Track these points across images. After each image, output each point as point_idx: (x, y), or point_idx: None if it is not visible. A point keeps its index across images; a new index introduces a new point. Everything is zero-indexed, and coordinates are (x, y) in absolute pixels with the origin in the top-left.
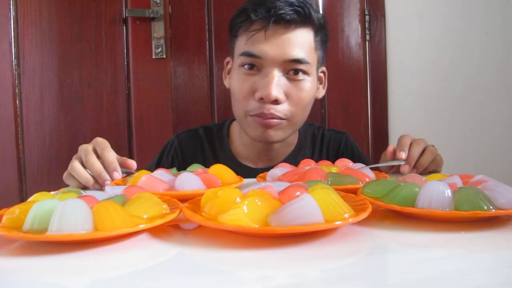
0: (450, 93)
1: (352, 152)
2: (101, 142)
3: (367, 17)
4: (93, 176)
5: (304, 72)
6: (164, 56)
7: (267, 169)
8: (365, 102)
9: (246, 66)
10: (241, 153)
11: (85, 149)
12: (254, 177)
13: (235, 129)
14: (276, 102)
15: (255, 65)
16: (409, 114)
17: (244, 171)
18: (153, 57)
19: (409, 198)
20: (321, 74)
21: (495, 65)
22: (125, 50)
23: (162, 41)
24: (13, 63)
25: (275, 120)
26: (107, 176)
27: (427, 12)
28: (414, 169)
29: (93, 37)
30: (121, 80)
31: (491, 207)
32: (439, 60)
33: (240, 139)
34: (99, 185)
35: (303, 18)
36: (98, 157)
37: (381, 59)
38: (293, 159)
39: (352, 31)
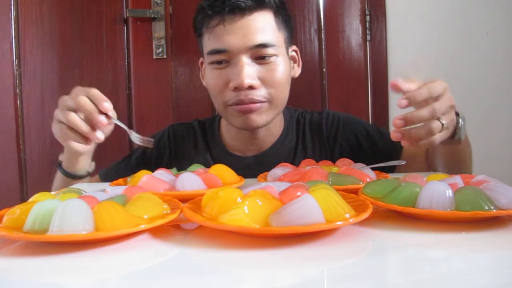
0: (450, 93)
1: (338, 121)
2: (79, 89)
3: (367, 17)
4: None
5: (272, 55)
6: (165, 56)
7: (256, 157)
8: (365, 102)
9: (214, 63)
10: (230, 144)
11: (67, 98)
12: (245, 165)
13: (224, 124)
14: (251, 88)
15: (224, 59)
16: None
17: (234, 161)
18: (154, 57)
19: (410, 198)
20: (293, 54)
21: (496, 65)
22: (126, 50)
23: (162, 41)
24: (14, 63)
25: (256, 105)
26: (99, 118)
27: (428, 12)
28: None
29: (94, 37)
30: (121, 80)
31: (492, 208)
32: (439, 60)
33: (227, 131)
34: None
35: (258, 2)
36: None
37: (382, 59)
38: (280, 145)
39: (353, 31)
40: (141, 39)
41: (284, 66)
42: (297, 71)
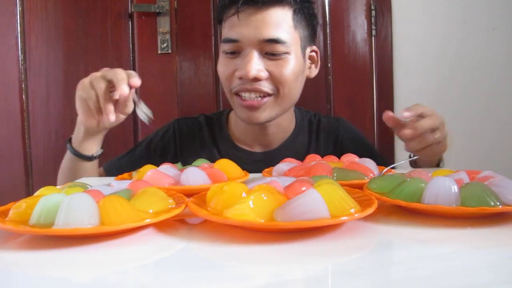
0: (456, 88)
1: (353, 137)
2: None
3: (373, 12)
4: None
5: (283, 52)
6: (170, 51)
7: (265, 153)
8: (371, 97)
9: (228, 51)
10: (238, 138)
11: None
12: (253, 161)
13: (233, 116)
14: (256, 79)
15: (236, 49)
16: None
17: (243, 155)
18: (159, 52)
19: (415, 193)
20: (313, 54)
21: (502, 61)
22: (131, 45)
23: (167, 36)
24: (20, 58)
25: (259, 101)
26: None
27: (434, 7)
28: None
29: (99, 32)
30: None
31: (498, 203)
32: (445, 55)
33: (236, 125)
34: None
35: None
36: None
37: (387, 55)
38: (291, 143)
39: (358, 26)
40: (146, 34)
41: (295, 65)
42: (313, 71)
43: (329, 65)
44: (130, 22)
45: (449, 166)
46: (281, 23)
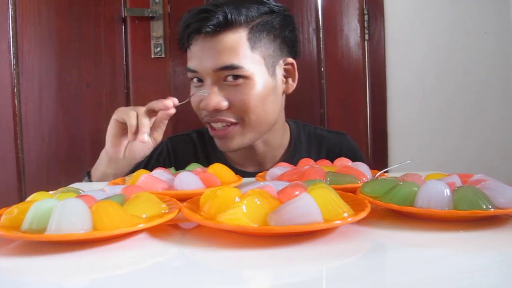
0: (449, 92)
1: (354, 157)
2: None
3: (366, 17)
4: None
5: (242, 76)
6: (163, 56)
7: (259, 173)
8: (364, 101)
9: (194, 80)
10: (230, 157)
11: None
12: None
13: None
14: (217, 110)
15: (199, 78)
16: (408, 113)
17: (237, 174)
18: (152, 56)
19: (408, 197)
20: (288, 67)
21: (493, 64)
22: (124, 49)
23: (161, 41)
24: (12, 62)
25: (224, 131)
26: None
27: (426, 11)
28: None
29: (92, 37)
30: (120, 80)
31: (490, 207)
32: (437, 59)
33: None
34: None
35: (225, 24)
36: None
37: (380, 59)
38: (289, 162)
39: (351, 30)
40: (139, 38)
41: (260, 87)
42: (290, 86)
43: (322, 69)
44: (123, 27)
45: (441, 169)
46: (234, 48)
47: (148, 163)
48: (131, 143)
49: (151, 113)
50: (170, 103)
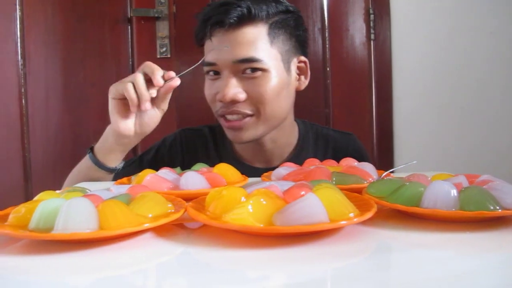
0: (455, 92)
1: (361, 155)
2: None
3: (371, 16)
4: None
5: (260, 69)
6: (169, 56)
7: (267, 170)
8: (369, 101)
9: (210, 73)
10: (240, 153)
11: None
12: (256, 175)
13: None
14: (234, 102)
15: (216, 71)
16: (413, 113)
17: (246, 170)
18: (158, 56)
19: (414, 198)
20: (301, 65)
21: (499, 64)
22: (130, 49)
23: (166, 41)
24: (19, 63)
25: (240, 122)
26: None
27: (432, 11)
28: None
29: (98, 37)
30: None
31: (497, 207)
32: (443, 59)
33: None
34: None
35: (247, 17)
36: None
37: (386, 59)
38: (294, 160)
39: (357, 30)
40: (145, 39)
41: (275, 82)
42: (303, 83)
43: (328, 69)
44: (129, 27)
45: (447, 169)
46: (254, 41)
47: (159, 150)
48: (140, 119)
49: (147, 76)
50: (161, 81)
